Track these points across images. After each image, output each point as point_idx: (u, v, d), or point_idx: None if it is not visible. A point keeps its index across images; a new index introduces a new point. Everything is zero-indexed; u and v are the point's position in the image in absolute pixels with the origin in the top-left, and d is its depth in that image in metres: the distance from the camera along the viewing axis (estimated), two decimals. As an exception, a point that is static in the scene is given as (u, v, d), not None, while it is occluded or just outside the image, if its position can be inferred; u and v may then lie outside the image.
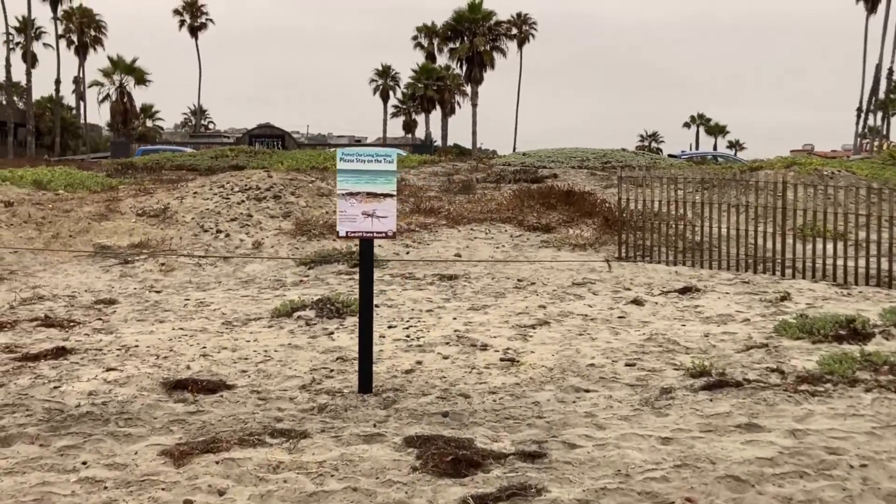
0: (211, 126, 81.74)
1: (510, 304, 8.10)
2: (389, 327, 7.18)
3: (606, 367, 5.77)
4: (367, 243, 5.20)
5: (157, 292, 9.25)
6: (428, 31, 65.28)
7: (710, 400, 4.94)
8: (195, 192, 13.32)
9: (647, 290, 8.79)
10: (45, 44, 67.89)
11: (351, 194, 5.12)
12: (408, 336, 6.86)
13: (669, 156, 31.81)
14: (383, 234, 5.20)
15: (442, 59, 65.18)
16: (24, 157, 55.65)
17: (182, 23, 68.31)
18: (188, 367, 5.87)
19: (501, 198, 14.78)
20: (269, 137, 49.78)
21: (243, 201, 12.89)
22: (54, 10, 64.94)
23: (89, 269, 10.36)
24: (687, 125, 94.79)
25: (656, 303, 8.09)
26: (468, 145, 61.36)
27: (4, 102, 65.73)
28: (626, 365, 5.83)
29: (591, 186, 16.71)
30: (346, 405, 4.94)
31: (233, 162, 19.51)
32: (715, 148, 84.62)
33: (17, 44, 64.25)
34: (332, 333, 6.94)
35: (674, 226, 11.07)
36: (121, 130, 63.39)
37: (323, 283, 9.55)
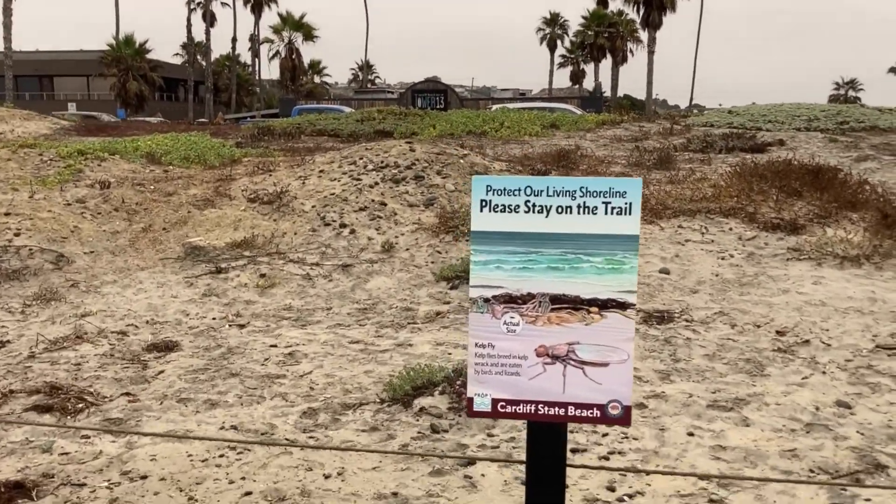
0: (378, 81, 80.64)
1: (781, 398, 4.68)
2: (573, 451, 4.02)
3: None
4: (546, 432, 2.04)
5: (241, 327, 6.54)
6: (601, -27, 60.54)
7: None
8: (321, 171, 10.60)
9: None
10: (222, 3, 68.62)
11: (506, 300, 1.98)
12: (612, 486, 3.66)
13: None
14: (597, 416, 2.00)
15: (615, 5, 60.36)
16: (202, 115, 56.63)
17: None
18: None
19: (716, 176, 11.05)
20: (431, 93, 47.22)
21: (377, 183, 10.01)
22: (229, -33, 65.25)
23: (169, 281, 7.85)
24: (894, 70, 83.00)
25: None
26: (639, 96, 56.51)
27: (186, 62, 67.28)
28: None
29: (835, 159, 12.55)
30: None
31: (379, 126, 16.76)
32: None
33: (198, 4, 65.16)
34: (469, 466, 3.87)
35: None
36: (289, 87, 63.27)
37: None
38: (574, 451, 4.03)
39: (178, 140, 14.18)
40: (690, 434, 4.20)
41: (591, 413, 1.95)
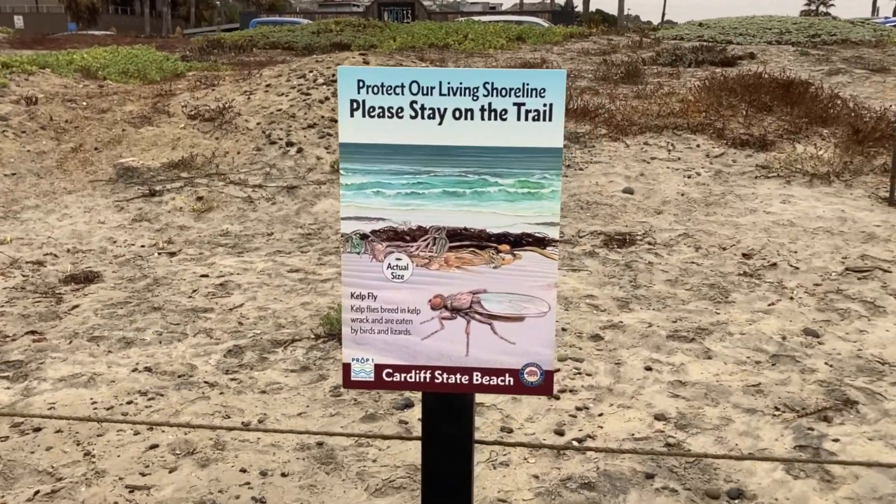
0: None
1: (746, 327, 4.34)
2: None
3: None
4: (447, 406, 1.61)
5: (171, 255, 6.05)
6: None
7: None
8: (268, 85, 9.93)
9: None
10: None
11: (389, 237, 1.50)
12: (560, 429, 3.31)
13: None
14: (510, 385, 1.55)
15: None
16: (159, 30, 54.27)
17: None
18: None
19: (685, 91, 10.56)
20: (398, 6, 45.60)
21: (328, 98, 9.39)
22: None
23: (97, 206, 7.29)
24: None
25: None
26: (612, 11, 55.10)
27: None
28: None
29: (806, 73, 12.10)
30: None
31: (336, 39, 15.89)
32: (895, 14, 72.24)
33: None
34: (406, 410, 3.49)
35: None
36: (251, 0, 60.79)
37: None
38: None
39: (118, 53, 13.31)
40: (648, 368, 3.86)
41: (501, 380, 1.50)
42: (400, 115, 1.46)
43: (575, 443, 3.23)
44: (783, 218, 6.35)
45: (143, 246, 6.30)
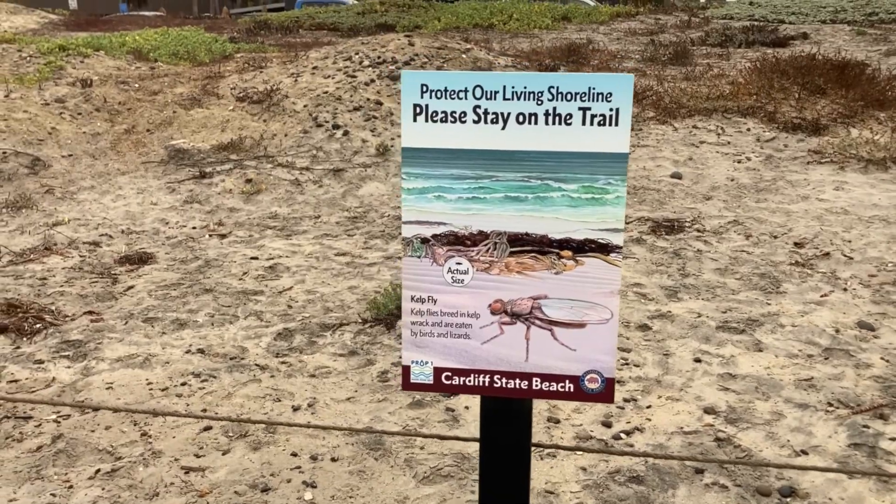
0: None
1: (798, 318, 4.27)
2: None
3: None
4: (506, 410, 1.61)
5: (222, 237, 6.15)
6: None
7: None
8: (314, 68, 9.97)
9: None
10: None
11: (450, 241, 1.51)
12: (608, 421, 3.31)
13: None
14: (570, 391, 1.56)
15: None
16: (206, 9, 54.79)
17: None
18: None
19: (735, 73, 10.36)
20: (443, -17, 45.19)
21: (373, 80, 9.41)
22: None
23: (150, 187, 7.43)
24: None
25: None
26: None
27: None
28: None
29: (863, 53, 11.77)
30: None
31: (381, 20, 15.88)
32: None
33: None
34: (452, 398, 3.52)
35: None
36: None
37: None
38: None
39: (169, 35, 13.48)
40: (697, 360, 3.83)
41: (561, 386, 1.51)
42: (463, 119, 1.46)
43: (623, 435, 3.22)
44: (836, 205, 6.22)
45: (194, 227, 6.42)
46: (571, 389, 1.52)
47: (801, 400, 3.44)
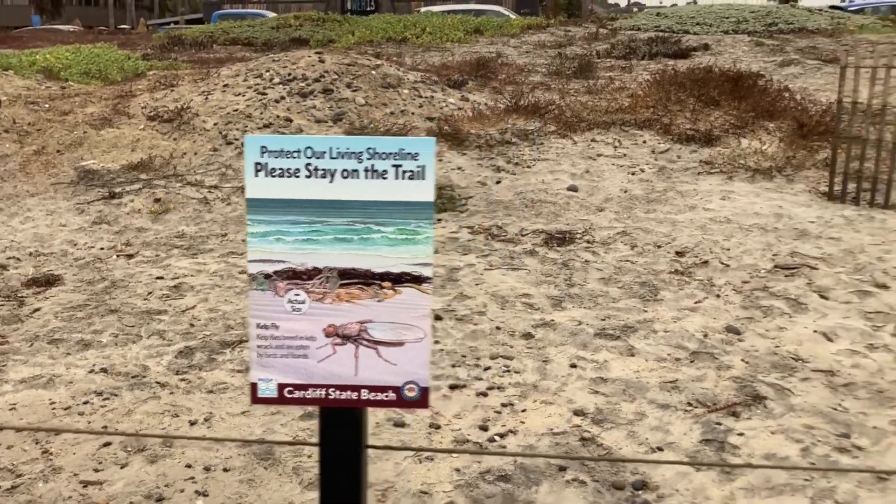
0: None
1: (671, 323, 4.61)
2: (452, 388, 3.90)
3: None
4: (341, 418, 1.90)
5: (129, 257, 6.21)
6: None
7: None
8: (225, 85, 10.05)
9: (911, 285, 5.05)
10: None
11: (289, 276, 1.79)
12: (485, 424, 3.55)
13: (831, 7, 25.96)
14: (393, 399, 1.85)
15: None
16: (124, 21, 53.71)
17: None
18: None
19: (635, 85, 10.84)
20: (362, -7, 45.48)
21: (283, 98, 9.54)
22: None
23: (59, 209, 7.41)
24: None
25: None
26: (583, -4, 55.21)
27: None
28: None
29: (759, 64, 12.43)
30: None
31: (295, 34, 16.00)
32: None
33: None
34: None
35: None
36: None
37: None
38: (453, 387, 3.91)
39: (81, 53, 13.33)
40: (573, 366, 4.11)
41: (386, 396, 1.81)
42: (297, 174, 1.75)
43: (497, 437, 3.47)
44: (721, 215, 6.63)
45: (102, 248, 6.45)
46: (394, 398, 1.80)
47: (663, 401, 3.75)
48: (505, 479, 3.13)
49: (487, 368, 4.11)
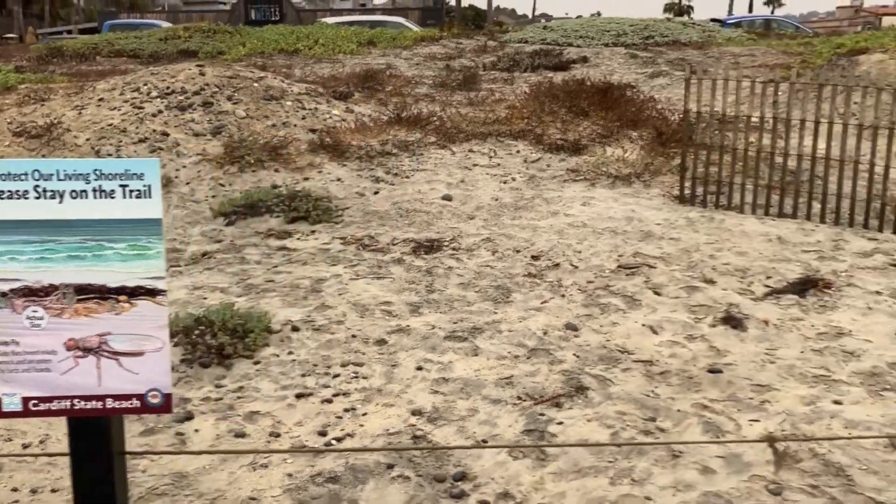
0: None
1: (516, 323, 4.84)
2: (298, 397, 4.01)
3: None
4: (88, 427, 2.01)
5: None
6: None
7: None
8: (101, 99, 9.88)
9: (741, 281, 5.44)
10: None
11: (26, 293, 1.89)
12: (324, 430, 3.68)
13: (713, 20, 27.29)
14: (138, 406, 1.97)
15: None
16: (10, 29, 51.41)
17: None
18: None
19: (514, 97, 11.20)
20: (266, 3, 45.02)
21: (160, 111, 9.46)
22: None
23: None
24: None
25: (767, 323, 4.77)
26: (485, 7, 56.04)
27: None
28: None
29: (632, 76, 13.01)
30: None
31: (184, 45, 15.82)
32: (750, 10, 76.12)
33: None
34: (186, 422, 3.78)
35: (759, 146, 7.52)
36: (110, -1, 58.54)
37: (237, 259, 6.31)
38: (300, 395, 4.02)
39: (-51, 66, 12.81)
40: (419, 368, 4.28)
41: (130, 403, 1.93)
42: (26, 196, 1.85)
43: (335, 441, 3.60)
44: (579, 220, 6.95)
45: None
46: (139, 405, 1.90)
47: (496, 396, 3.95)
48: (334, 480, 3.27)
49: (336, 376, 4.24)
